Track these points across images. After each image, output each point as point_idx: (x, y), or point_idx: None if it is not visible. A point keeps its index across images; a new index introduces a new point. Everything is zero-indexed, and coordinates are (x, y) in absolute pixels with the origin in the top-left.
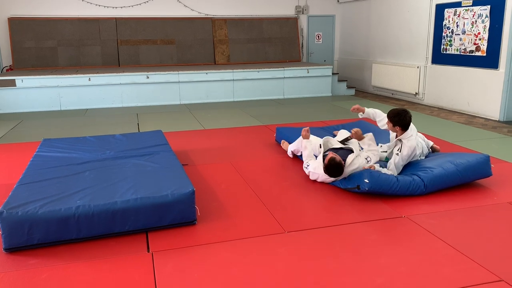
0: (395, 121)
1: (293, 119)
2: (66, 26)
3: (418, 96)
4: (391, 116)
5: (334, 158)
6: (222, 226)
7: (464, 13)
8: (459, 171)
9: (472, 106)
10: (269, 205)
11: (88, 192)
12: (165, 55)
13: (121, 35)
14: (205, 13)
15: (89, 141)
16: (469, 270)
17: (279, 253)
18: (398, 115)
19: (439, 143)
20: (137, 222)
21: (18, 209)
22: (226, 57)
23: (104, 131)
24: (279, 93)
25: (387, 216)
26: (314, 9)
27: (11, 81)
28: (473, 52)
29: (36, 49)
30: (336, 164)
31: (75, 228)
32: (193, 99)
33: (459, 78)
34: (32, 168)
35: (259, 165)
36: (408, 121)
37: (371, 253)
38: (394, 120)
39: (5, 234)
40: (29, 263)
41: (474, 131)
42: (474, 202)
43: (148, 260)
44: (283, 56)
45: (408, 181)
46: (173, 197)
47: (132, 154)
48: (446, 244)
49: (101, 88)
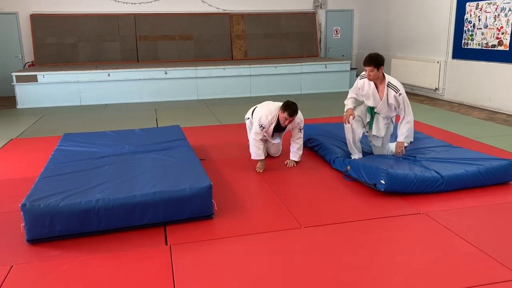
0: (381, 60)
1: (311, 115)
2: (86, 23)
3: (438, 91)
4: (375, 58)
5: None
6: (239, 221)
7: (487, 6)
8: (481, 173)
9: (493, 101)
10: (286, 200)
11: (108, 186)
12: (183, 51)
13: (140, 31)
14: (222, 8)
15: (109, 135)
16: (489, 268)
17: (296, 248)
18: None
19: (460, 140)
20: (155, 216)
21: (40, 201)
22: (244, 53)
23: (123, 126)
24: (297, 89)
25: (405, 212)
26: (332, 4)
27: (33, 76)
28: (495, 47)
29: (57, 45)
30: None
31: (95, 221)
32: (211, 94)
33: (481, 73)
34: (53, 162)
35: (276, 160)
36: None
37: (389, 250)
38: (380, 60)
39: (27, 226)
40: (50, 255)
41: (496, 127)
42: (494, 199)
43: (166, 253)
44: (301, 51)
45: (425, 179)
46: (191, 191)
47: (151, 148)
48: (465, 241)
49: (120, 84)
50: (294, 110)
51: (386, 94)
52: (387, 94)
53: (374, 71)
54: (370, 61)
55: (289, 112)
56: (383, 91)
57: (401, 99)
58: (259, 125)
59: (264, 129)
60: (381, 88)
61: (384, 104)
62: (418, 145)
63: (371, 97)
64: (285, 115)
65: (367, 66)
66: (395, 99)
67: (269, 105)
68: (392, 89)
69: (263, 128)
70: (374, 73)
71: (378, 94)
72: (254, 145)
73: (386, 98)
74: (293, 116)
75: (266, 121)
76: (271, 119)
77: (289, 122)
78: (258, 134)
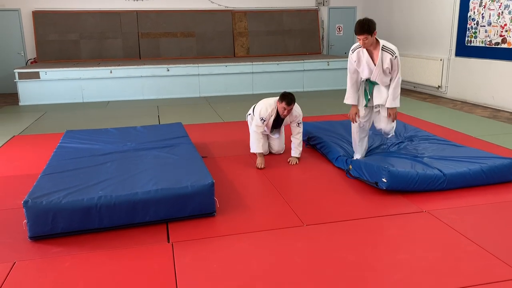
0: (373, 25)
1: (313, 112)
2: (88, 19)
3: (441, 89)
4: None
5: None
6: (241, 218)
7: (490, 4)
8: (484, 172)
9: (496, 99)
10: (288, 198)
11: (110, 183)
12: (185, 48)
13: (142, 28)
14: (225, 5)
15: (111, 132)
16: (491, 266)
17: (298, 246)
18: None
19: (463, 138)
20: (157, 213)
21: (42, 198)
22: (246, 50)
23: (125, 123)
24: (299, 86)
25: (407, 210)
26: (335, 1)
27: (35, 73)
28: (498, 44)
29: (59, 42)
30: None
31: (97, 218)
32: (213, 91)
33: (484, 71)
34: (56, 159)
35: (278, 157)
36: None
37: (391, 248)
38: (372, 26)
39: (30, 223)
40: (53, 252)
41: (499, 125)
42: (497, 198)
43: (168, 250)
44: (303, 48)
45: (427, 177)
46: (193, 189)
47: (153, 146)
48: (468, 239)
49: (122, 81)
50: (291, 99)
51: (380, 58)
52: (381, 58)
53: (368, 38)
54: (362, 29)
55: (286, 101)
56: (377, 56)
57: (396, 62)
58: (260, 118)
59: (265, 122)
60: (376, 53)
61: (379, 70)
62: (420, 143)
63: (366, 67)
64: (283, 105)
65: (360, 35)
66: (391, 62)
67: (268, 99)
68: (387, 53)
69: (264, 121)
70: (368, 40)
71: (372, 60)
72: (255, 138)
73: (380, 62)
74: (290, 104)
75: (266, 114)
76: (270, 111)
77: (288, 111)
78: (259, 127)
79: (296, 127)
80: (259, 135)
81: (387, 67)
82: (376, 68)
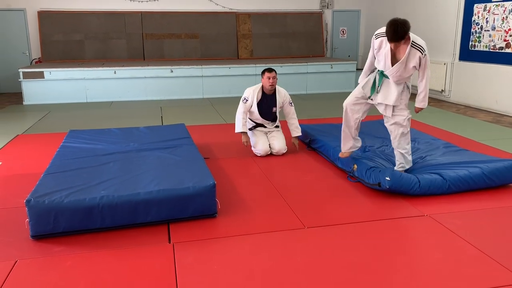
0: (407, 28)
1: (316, 115)
2: (92, 20)
3: (445, 93)
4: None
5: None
6: (242, 220)
7: (495, 8)
8: (485, 174)
9: (500, 104)
10: (290, 200)
11: (112, 183)
12: (189, 49)
13: (146, 29)
14: (229, 7)
15: (114, 133)
16: (493, 271)
17: (299, 248)
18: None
19: (466, 142)
20: (159, 213)
21: (45, 197)
22: (249, 52)
23: (129, 123)
24: (302, 88)
25: (409, 214)
26: (339, 4)
27: (39, 73)
28: (502, 49)
29: (64, 42)
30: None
31: (99, 218)
32: (216, 93)
33: (488, 76)
34: (59, 158)
35: (280, 160)
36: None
37: (392, 251)
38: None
39: (32, 222)
40: (54, 251)
41: (502, 130)
42: (499, 203)
43: (169, 251)
44: (307, 51)
45: (429, 181)
46: (195, 190)
47: (156, 146)
48: (470, 244)
49: (126, 81)
50: (270, 68)
51: (407, 54)
52: (408, 55)
53: (398, 45)
54: (395, 37)
55: (267, 70)
56: (404, 51)
57: (425, 60)
58: (242, 98)
59: (247, 101)
60: (403, 47)
61: (402, 66)
62: (423, 147)
63: (383, 58)
64: (266, 75)
65: (393, 42)
66: (419, 60)
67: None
68: (417, 50)
69: (246, 100)
70: (398, 45)
71: (395, 55)
72: (237, 118)
73: (405, 59)
74: (271, 71)
75: (249, 92)
76: (254, 90)
77: (273, 79)
78: (241, 107)
79: (289, 107)
80: (240, 115)
81: (414, 65)
82: (400, 63)
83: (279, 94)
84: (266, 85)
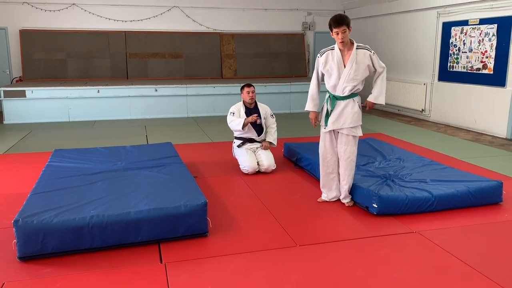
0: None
1: (300, 134)
2: (75, 39)
3: (425, 112)
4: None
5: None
6: (234, 239)
7: (471, 31)
8: (471, 193)
9: (479, 123)
10: (280, 218)
11: (102, 202)
12: (173, 69)
13: (130, 49)
14: (213, 28)
15: (100, 152)
16: (482, 286)
17: (291, 266)
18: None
19: (448, 160)
20: (150, 233)
21: (33, 218)
22: (233, 72)
23: (113, 142)
24: (286, 107)
25: (398, 231)
26: (320, 26)
27: (21, 92)
28: (480, 70)
29: (46, 61)
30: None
31: (88, 238)
32: (201, 112)
33: (466, 96)
34: (45, 177)
35: (268, 178)
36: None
37: (383, 268)
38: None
39: (20, 243)
40: (43, 272)
41: (482, 148)
42: (485, 219)
43: (161, 271)
44: (290, 71)
45: (417, 199)
46: (186, 209)
47: (144, 165)
48: (458, 259)
49: (110, 100)
50: (248, 84)
51: (355, 54)
52: (356, 54)
53: (346, 32)
54: (341, 20)
55: (246, 85)
56: (351, 52)
57: (376, 56)
58: (230, 113)
59: (234, 114)
60: (349, 53)
61: (353, 62)
62: (409, 165)
63: (335, 69)
64: (245, 90)
65: (339, 27)
66: (370, 58)
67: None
68: (364, 49)
69: (233, 114)
70: (346, 34)
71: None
72: (233, 122)
73: (355, 58)
74: (250, 86)
75: (234, 107)
76: (237, 106)
77: (252, 93)
78: (230, 117)
79: (271, 118)
80: (235, 121)
81: (368, 64)
82: (351, 60)
83: (261, 106)
84: (247, 99)
